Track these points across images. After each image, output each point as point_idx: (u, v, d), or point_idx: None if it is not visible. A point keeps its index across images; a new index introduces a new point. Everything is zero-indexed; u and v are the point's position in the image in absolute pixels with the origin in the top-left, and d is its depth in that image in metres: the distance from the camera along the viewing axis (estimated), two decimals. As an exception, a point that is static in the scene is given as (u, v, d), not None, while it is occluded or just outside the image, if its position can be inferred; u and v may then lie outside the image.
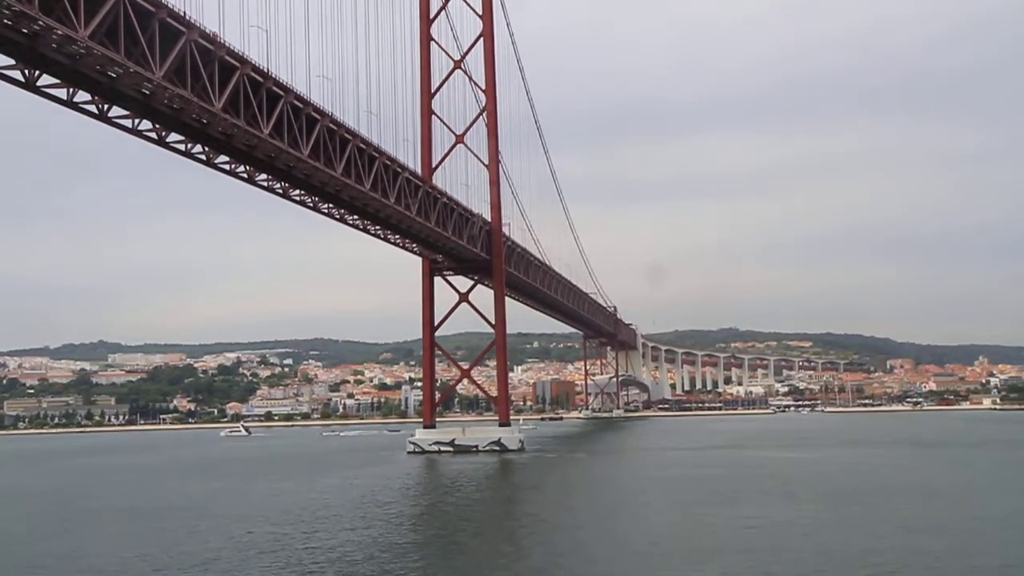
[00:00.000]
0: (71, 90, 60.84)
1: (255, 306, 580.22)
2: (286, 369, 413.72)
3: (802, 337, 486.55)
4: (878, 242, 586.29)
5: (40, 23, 50.99)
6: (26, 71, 57.28)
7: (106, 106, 64.24)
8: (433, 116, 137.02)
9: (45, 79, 58.63)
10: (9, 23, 51.27)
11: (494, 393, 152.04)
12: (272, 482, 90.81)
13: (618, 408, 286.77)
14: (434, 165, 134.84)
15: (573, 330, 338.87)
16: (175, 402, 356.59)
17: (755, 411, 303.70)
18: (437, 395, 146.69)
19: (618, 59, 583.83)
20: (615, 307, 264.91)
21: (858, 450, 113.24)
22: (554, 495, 71.18)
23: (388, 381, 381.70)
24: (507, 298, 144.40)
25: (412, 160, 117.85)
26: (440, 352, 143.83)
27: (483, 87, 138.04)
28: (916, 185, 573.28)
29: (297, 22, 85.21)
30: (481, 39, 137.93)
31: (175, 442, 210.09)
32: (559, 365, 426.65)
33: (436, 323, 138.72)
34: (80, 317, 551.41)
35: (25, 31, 52.20)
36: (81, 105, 62.62)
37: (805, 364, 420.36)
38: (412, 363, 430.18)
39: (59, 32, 52.22)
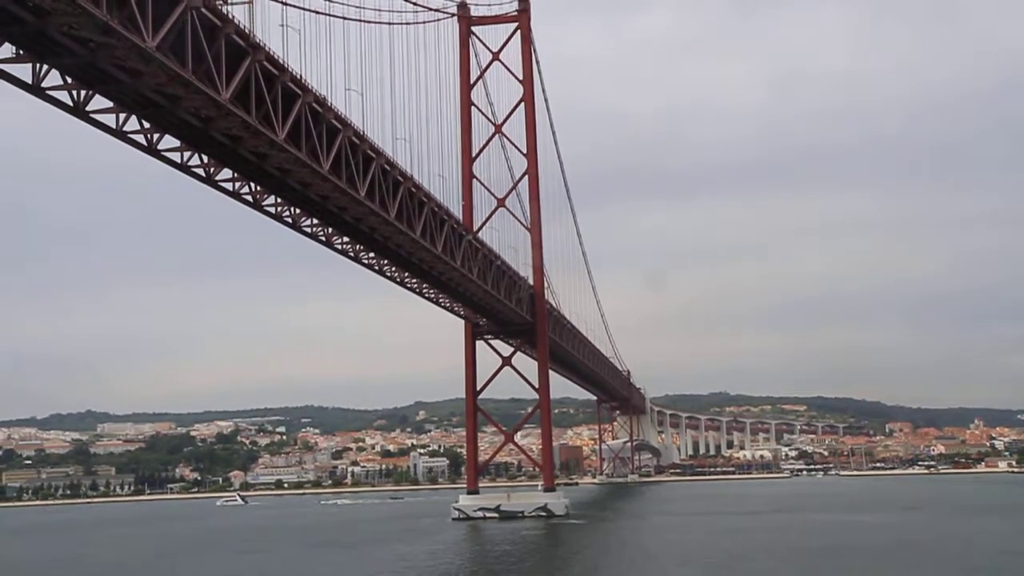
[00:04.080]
0: (119, 117, 54.96)
1: (240, 374, 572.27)
2: (283, 437, 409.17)
3: (795, 401, 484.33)
4: (863, 307, 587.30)
5: (104, 23, 43.14)
6: (74, 92, 51.31)
7: (155, 136, 58.20)
8: (474, 180, 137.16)
9: (95, 104, 52.60)
10: (70, 29, 44.30)
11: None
12: (339, 550, 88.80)
13: (632, 473, 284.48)
14: (475, 229, 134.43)
15: (567, 395, 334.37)
16: (178, 471, 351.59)
17: (769, 475, 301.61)
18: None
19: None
20: (628, 371, 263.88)
21: (931, 514, 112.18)
22: (677, 570, 67.62)
23: (391, 448, 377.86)
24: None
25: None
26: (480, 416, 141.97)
27: (524, 151, 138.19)
28: (900, 251, 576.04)
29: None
30: (522, 104, 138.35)
31: (188, 512, 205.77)
32: (558, 431, 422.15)
33: (479, 387, 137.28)
34: (65, 387, 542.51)
35: (87, 40, 45.66)
36: (130, 135, 56.49)
37: (805, 428, 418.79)
38: (408, 429, 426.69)
39: (124, 42, 44.89)
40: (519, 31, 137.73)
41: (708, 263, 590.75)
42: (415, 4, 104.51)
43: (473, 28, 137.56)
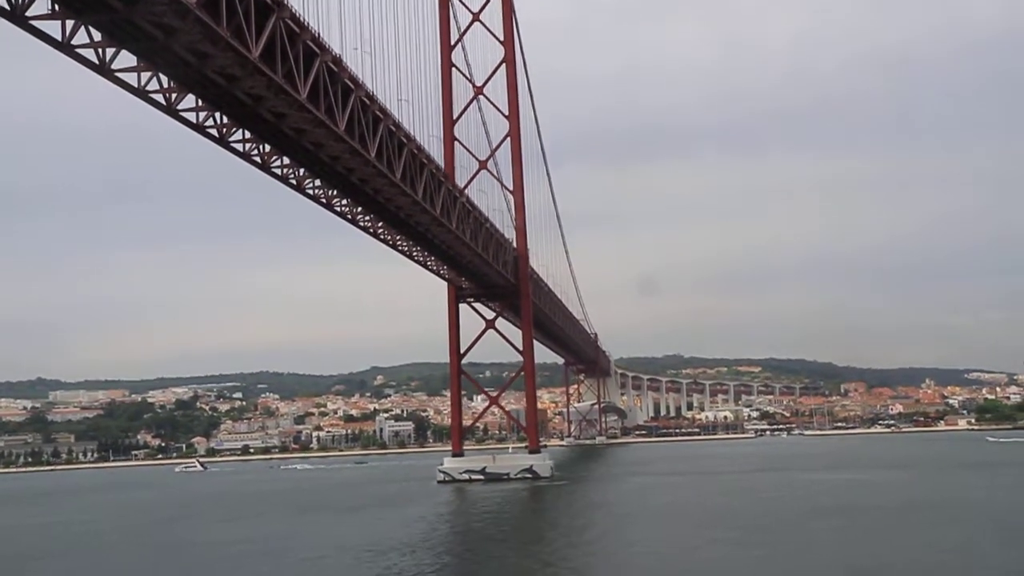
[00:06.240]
0: (141, 75, 53.60)
1: (192, 340, 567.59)
2: (242, 403, 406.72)
3: (748, 362, 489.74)
4: (811, 269, 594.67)
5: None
6: (100, 50, 49.75)
7: (174, 96, 56.99)
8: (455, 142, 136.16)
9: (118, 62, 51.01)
10: None
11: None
12: (334, 516, 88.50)
13: (600, 435, 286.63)
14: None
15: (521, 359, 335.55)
16: (139, 438, 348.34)
17: (735, 435, 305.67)
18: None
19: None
20: (595, 334, 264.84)
21: (920, 471, 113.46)
22: (703, 532, 65.71)
23: (354, 413, 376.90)
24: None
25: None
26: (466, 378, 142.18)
27: (505, 113, 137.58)
28: (846, 214, 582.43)
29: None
30: (503, 65, 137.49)
31: (153, 478, 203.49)
32: (518, 395, 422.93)
33: (463, 350, 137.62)
34: (14, 353, 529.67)
35: None
36: (151, 94, 55.16)
37: (763, 389, 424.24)
38: (368, 394, 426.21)
39: None
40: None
41: (660, 226, 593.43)
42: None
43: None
